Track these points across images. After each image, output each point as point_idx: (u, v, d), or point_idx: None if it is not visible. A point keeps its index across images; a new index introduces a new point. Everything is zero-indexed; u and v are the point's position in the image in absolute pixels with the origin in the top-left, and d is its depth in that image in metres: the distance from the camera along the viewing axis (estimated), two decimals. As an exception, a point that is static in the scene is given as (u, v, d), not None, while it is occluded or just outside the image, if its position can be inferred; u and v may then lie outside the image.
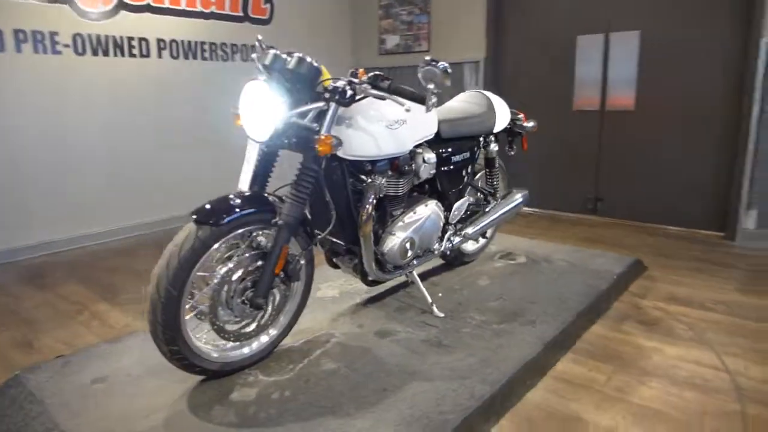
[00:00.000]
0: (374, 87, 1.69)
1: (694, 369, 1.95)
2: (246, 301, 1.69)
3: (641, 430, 1.61)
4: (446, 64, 1.64)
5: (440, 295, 2.35)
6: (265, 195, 1.71)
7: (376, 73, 1.74)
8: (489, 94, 2.61)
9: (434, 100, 1.69)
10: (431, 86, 1.62)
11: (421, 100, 1.71)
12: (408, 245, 2.04)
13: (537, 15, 4.02)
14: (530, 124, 2.67)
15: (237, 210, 1.60)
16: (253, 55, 2.09)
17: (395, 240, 2.00)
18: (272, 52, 1.75)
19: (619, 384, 1.86)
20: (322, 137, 1.62)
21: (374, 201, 1.89)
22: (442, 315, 2.16)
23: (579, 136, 3.94)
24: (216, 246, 1.59)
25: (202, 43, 3.97)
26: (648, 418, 1.67)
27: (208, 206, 1.60)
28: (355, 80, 1.70)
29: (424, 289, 2.23)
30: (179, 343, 1.58)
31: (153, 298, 1.53)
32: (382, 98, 1.70)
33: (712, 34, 3.32)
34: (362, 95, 1.71)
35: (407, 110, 1.80)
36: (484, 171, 2.62)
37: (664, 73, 3.52)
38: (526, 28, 4.08)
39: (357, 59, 4.95)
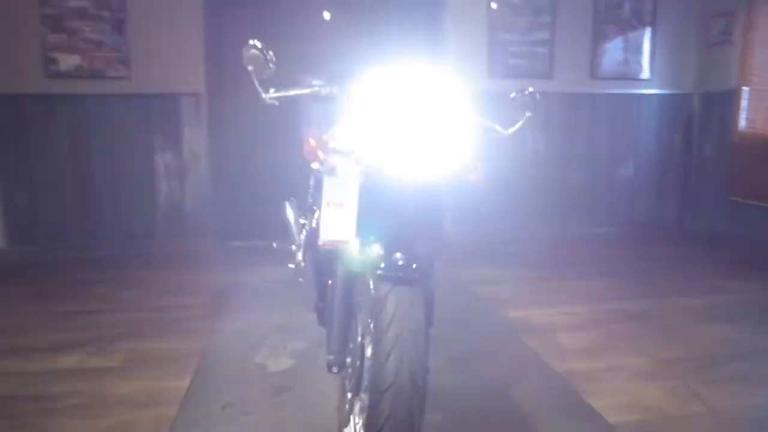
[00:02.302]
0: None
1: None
2: None
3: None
4: (533, 89, 1.73)
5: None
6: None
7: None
8: None
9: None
10: (529, 114, 1.72)
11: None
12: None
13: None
14: None
15: (418, 259, 1.31)
16: (249, 68, 1.64)
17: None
18: (377, 68, 1.48)
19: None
20: (478, 166, 1.52)
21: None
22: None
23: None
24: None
25: None
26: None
27: (399, 261, 1.25)
28: None
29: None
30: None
31: (406, 397, 1.10)
32: None
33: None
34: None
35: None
36: None
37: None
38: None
39: (6, 78, 3.63)
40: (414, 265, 1.25)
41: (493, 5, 4.21)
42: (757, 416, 1.87)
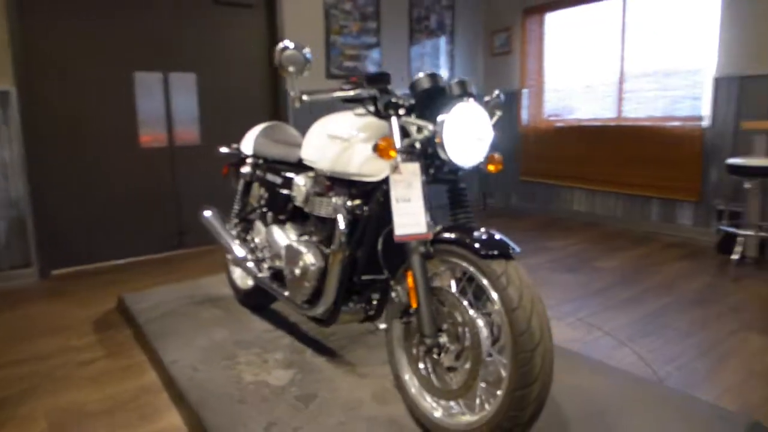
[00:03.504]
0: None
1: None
2: None
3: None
4: (499, 92, 2.02)
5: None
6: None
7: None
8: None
9: None
10: (499, 113, 2.00)
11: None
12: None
13: (83, 43, 3.43)
14: None
15: (500, 235, 1.49)
16: (291, 69, 1.61)
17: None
18: (426, 73, 1.59)
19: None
20: (496, 156, 1.71)
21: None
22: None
23: (151, 174, 3.81)
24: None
25: None
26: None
27: (484, 236, 1.41)
28: None
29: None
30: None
31: (550, 349, 1.29)
32: None
33: (252, 86, 4.18)
34: None
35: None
36: None
37: (221, 111, 4.06)
38: (73, 58, 3.39)
39: None
40: (504, 240, 1.44)
41: None
42: (634, 329, 2.56)
